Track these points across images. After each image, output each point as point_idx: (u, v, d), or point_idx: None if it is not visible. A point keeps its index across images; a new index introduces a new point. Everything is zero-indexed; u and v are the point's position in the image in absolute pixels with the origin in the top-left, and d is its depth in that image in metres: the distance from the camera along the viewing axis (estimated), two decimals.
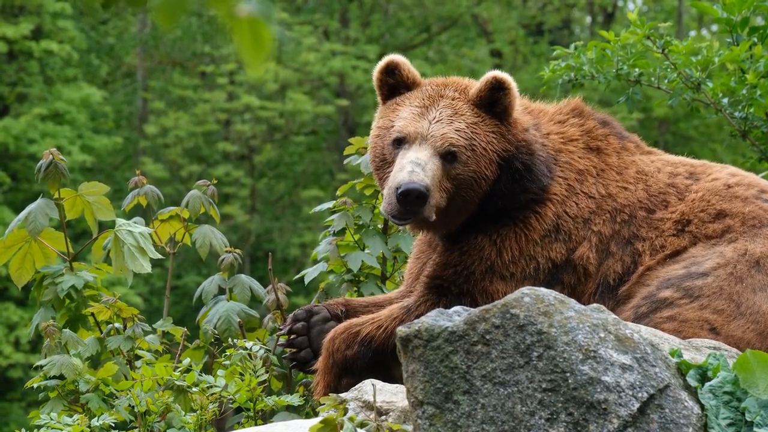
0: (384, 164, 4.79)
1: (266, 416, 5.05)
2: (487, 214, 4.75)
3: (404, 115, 4.78)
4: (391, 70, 4.90)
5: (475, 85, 4.83)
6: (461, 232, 4.79)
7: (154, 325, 5.55)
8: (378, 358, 4.66)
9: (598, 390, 3.37)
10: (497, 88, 4.76)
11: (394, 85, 4.90)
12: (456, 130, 4.69)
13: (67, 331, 5.34)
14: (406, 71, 4.89)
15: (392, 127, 4.79)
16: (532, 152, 4.76)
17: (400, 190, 4.54)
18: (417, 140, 4.69)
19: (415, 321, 3.51)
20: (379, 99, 4.97)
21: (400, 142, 4.74)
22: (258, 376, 4.76)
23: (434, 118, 4.72)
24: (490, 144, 4.72)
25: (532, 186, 4.74)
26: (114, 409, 4.86)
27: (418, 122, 4.73)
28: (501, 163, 4.72)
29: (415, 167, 4.59)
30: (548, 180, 4.76)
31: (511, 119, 4.78)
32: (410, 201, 4.54)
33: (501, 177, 4.72)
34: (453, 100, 4.78)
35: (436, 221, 4.68)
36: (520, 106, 4.92)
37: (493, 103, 4.77)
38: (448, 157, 4.66)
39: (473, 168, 4.68)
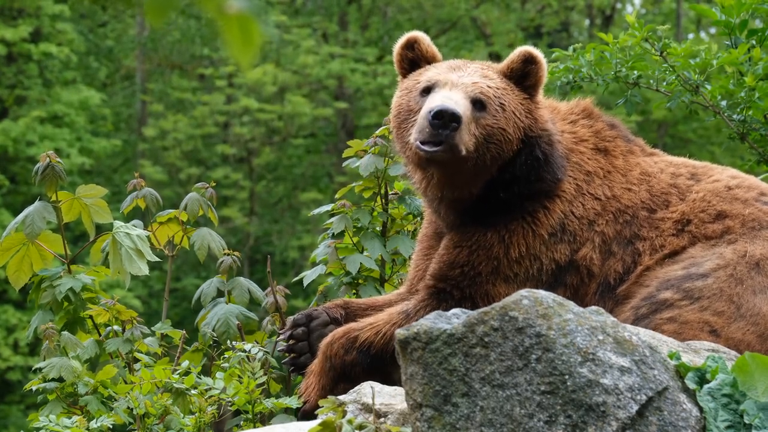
0: (410, 114, 4.74)
1: (265, 419, 5.05)
2: (500, 200, 4.71)
3: (433, 71, 4.78)
4: (410, 45, 4.92)
5: (505, 59, 4.84)
6: (471, 224, 4.75)
7: (152, 328, 5.56)
8: (376, 364, 4.64)
9: (597, 392, 3.36)
10: (529, 60, 4.76)
11: (414, 59, 4.91)
12: (488, 86, 4.68)
13: (65, 333, 5.34)
14: (425, 45, 4.92)
15: (419, 82, 4.77)
16: (551, 143, 4.75)
17: (433, 111, 4.48)
18: (447, 85, 4.67)
19: (414, 324, 3.49)
20: (398, 75, 4.96)
21: (428, 90, 4.71)
22: (256, 379, 4.75)
23: (464, 75, 4.72)
24: (518, 111, 4.69)
25: (547, 176, 4.72)
26: (113, 412, 4.86)
27: (448, 74, 4.72)
28: (524, 139, 4.70)
29: (448, 99, 4.54)
30: (562, 175, 4.75)
31: (538, 99, 4.78)
32: (443, 124, 4.47)
33: (520, 155, 4.69)
34: (481, 68, 4.79)
35: (461, 172, 4.62)
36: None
37: (523, 76, 4.76)
38: (477, 104, 4.62)
39: (502, 125, 4.64)
